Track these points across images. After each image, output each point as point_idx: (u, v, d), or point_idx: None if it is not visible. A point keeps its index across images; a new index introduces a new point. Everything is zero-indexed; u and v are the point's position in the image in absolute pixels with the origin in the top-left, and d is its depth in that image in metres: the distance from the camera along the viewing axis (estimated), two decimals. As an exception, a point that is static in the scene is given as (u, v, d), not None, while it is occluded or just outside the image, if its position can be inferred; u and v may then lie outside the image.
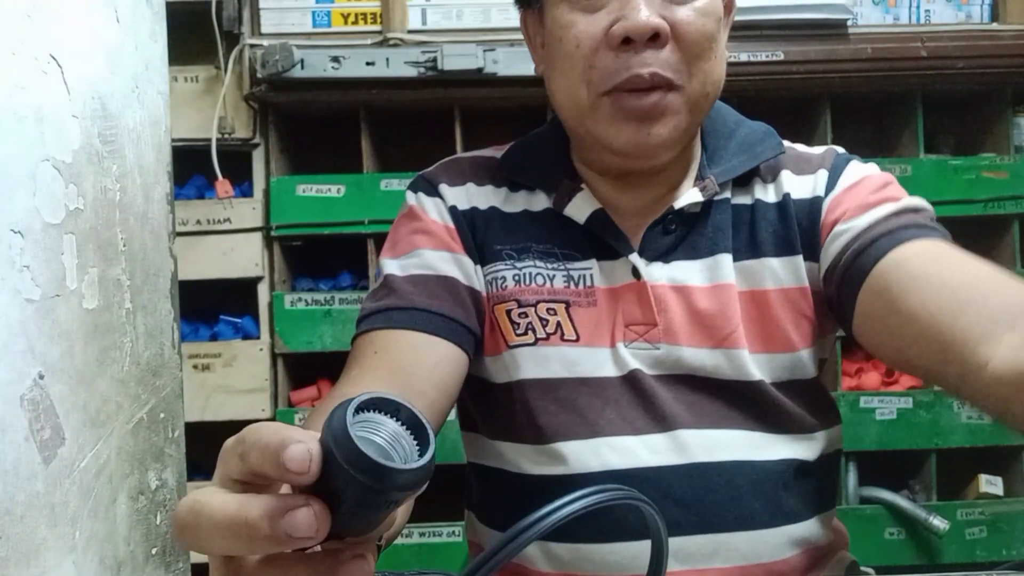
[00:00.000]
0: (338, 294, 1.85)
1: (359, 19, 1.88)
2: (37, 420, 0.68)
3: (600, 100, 0.75)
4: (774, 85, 1.85)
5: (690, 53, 0.74)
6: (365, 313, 0.82)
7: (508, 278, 0.83)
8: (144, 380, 0.86)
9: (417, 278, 0.82)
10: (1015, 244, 1.92)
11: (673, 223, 0.81)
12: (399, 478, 0.34)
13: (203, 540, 0.37)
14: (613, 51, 0.73)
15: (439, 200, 0.86)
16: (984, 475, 1.90)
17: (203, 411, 1.82)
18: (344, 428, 0.34)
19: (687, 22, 0.73)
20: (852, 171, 0.82)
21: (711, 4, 0.75)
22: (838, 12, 1.84)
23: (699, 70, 0.75)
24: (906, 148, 1.97)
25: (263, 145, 1.90)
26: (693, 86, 0.75)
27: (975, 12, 1.93)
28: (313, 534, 0.35)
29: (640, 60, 0.73)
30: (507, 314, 0.82)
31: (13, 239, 0.65)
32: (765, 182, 0.84)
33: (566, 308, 0.81)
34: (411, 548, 1.81)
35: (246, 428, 0.38)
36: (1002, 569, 0.72)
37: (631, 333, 0.80)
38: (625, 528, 0.76)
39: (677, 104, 0.75)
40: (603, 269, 0.82)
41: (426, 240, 0.84)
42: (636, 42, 0.72)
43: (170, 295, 0.93)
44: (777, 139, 0.85)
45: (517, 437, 0.82)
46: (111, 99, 0.81)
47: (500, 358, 0.83)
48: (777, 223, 0.81)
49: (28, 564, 0.66)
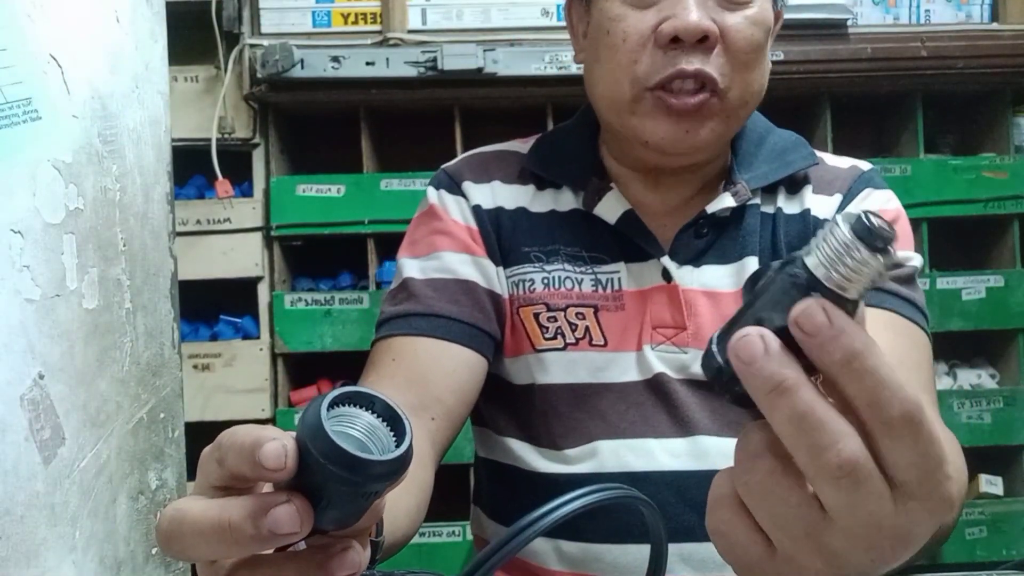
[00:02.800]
0: (338, 294, 1.85)
1: (359, 19, 1.88)
2: (37, 420, 0.68)
3: (643, 95, 0.74)
4: (774, 85, 1.84)
5: (737, 60, 0.74)
6: (384, 317, 0.81)
7: (536, 281, 0.82)
8: (144, 380, 0.86)
9: (437, 282, 0.81)
10: (1015, 244, 1.92)
11: (705, 227, 0.81)
12: (375, 469, 0.34)
13: (188, 547, 0.37)
14: (661, 48, 0.73)
15: (462, 199, 0.85)
16: (984, 475, 1.90)
17: (203, 411, 1.82)
18: (318, 422, 0.34)
19: (737, 29, 0.73)
20: (866, 200, 0.83)
21: (762, 14, 0.75)
22: (838, 12, 1.84)
23: (742, 79, 0.75)
24: (906, 148, 1.97)
25: (263, 145, 1.90)
26: (734, 93, 0.75)
27: (975, 12, 1.93)
28: (297, 529, 0.35)
29: (687, 58, 0.72)
30: (535, 317, 0.82)
31: (13, 239, 0.65)
32: (789, 193, 0.84)
33: (594, 312, 0.81)
34: (411, 548, 1.80)
35: (223, 432, 0.38)
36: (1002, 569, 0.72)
37: (658, 335, 0.80)
38: (637, 530, 0.75)
39: (717, 107, 0.75)
40: (631, 271, 0.82)
41: (447, 242, 0.83)
42: (684, 42, 0.72)
43: (170, 295, 0.93)
44: (809, 149, 0.85)
45: (532, 437, 0.82)
46: (111, 99, 0.81)
47: (523, 360, 0.83)
48: (795, 236, 0.81)
49: (28, 564, 0.66)
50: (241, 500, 0.36)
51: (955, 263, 1.96)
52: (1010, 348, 1.91)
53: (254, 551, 0.37)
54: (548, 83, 1.83)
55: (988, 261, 1.99)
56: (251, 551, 0.37)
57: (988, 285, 1.88)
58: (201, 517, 0.36)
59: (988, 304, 1.87)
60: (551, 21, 1.86)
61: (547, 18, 1.87)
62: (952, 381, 1.94)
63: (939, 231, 1.91)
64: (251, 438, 0.35)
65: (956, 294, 1.87)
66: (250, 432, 0.36)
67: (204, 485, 0.39)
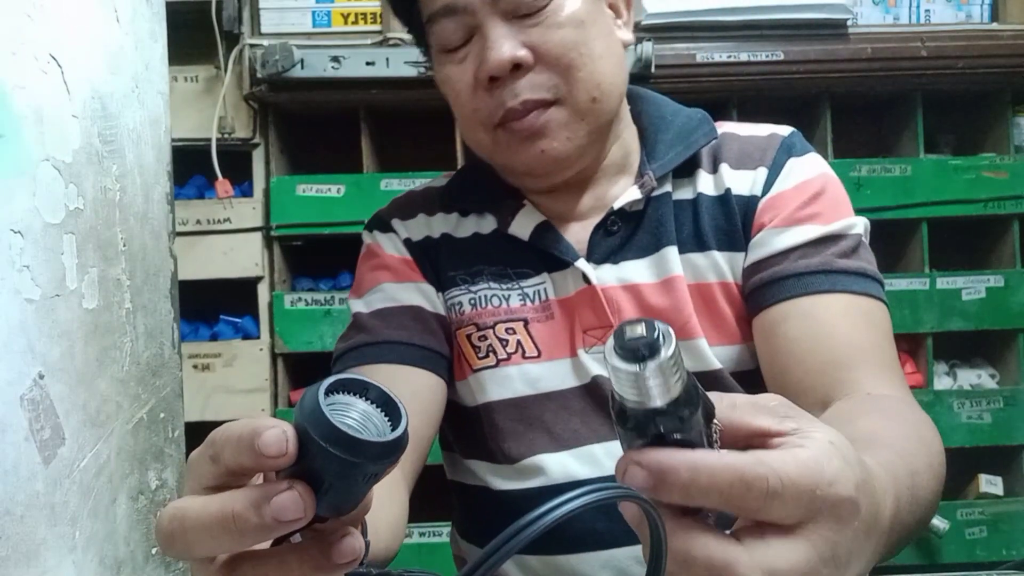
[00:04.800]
0: (338, 294, 1.85)
1: (359, 19, 1.88)
2: (37, 420, 0.68)
3: (496, 134, 0.77)
4: (774, 85, 1.85)
5: (558, 67, 0.74)
6: (337, 355, 0.83)
7: (464, 303, 0.83)
8: (144, 380, 0.86)
9: (383, 312, 0.83)
10: (1015, 244, 1.92)
11: (616, 223, 0.81)
12: (375, 449, 0.35)
13: (191, 545, 0.37)
14: (487, 91, 0.75)
15: (393, 235, 0.88)
16: (984, 475, 1.91)
17: (203, 411, 1.82)
18: (317, 406, 0.34)
19: (542, 41, 0.74)
20: (791, 172, 0.80)
21: (569, 14, 0.74)
22: (838, 12, 1.84)
23: (576, 79, 0.75)
24: (906, 148, 1.97)
25: (263, 145, 1.90)
26: (576, 95, 0.75)
27: (975, 12, 1.93)
28: (301, 515, 0.35)
29: (511, 92, 0.74)
30: (467, 338, 0.83)
31: (13, 239, 0.66)
32: (708, 173, 0.82)
33: (524, 325, 0.82)
34: (411, 548, 1.81)
35: (213, 431, 0.38)
36: (1002, 569, 0.73)
37: (589, 338, 0.80)
38: (594, 538, 0.76)
39: (560, 117, 0.75)
40: (555, 281, 0.82)
41: (387, 274, 0.86)
42: (502, 77, 0.74)
43: (170, 295, 0.93)
44: (710, 124, 0.83)
45: (488, 456, 0.83)
46: (111, 99, 0.81)
47: (466, 383, 0.84)
48: (720, 218, 0.80)
49: (28, 564, 0.66)
50: (242, 491, 0.36)
51: (955, 263, 1.96)
52: (1010, 348, 1.91)
53: (258, 541, 0.37)
54: (548, 83, 1.83)
55: (988, 261, 1.99)
56: (255, 542, 0.37)
57: (988, 285, 1.88)
58: (203, 512, 0.36)
59: (988, 304, 1.87)
60: (551, 21, 1.86)
61: (547, 18, 1.87)
62: (952, 381, 1.94)
63: (939, 231, 1.91)
64: (248, 429, 0.35)
65: (956, 294, 1.87)
66: (245, 424, 0.36)
67: (196, 488, 0.39)
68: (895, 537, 0.45)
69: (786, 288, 0.75)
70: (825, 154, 1.88)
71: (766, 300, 0.76)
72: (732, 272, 0.80)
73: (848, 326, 0.73)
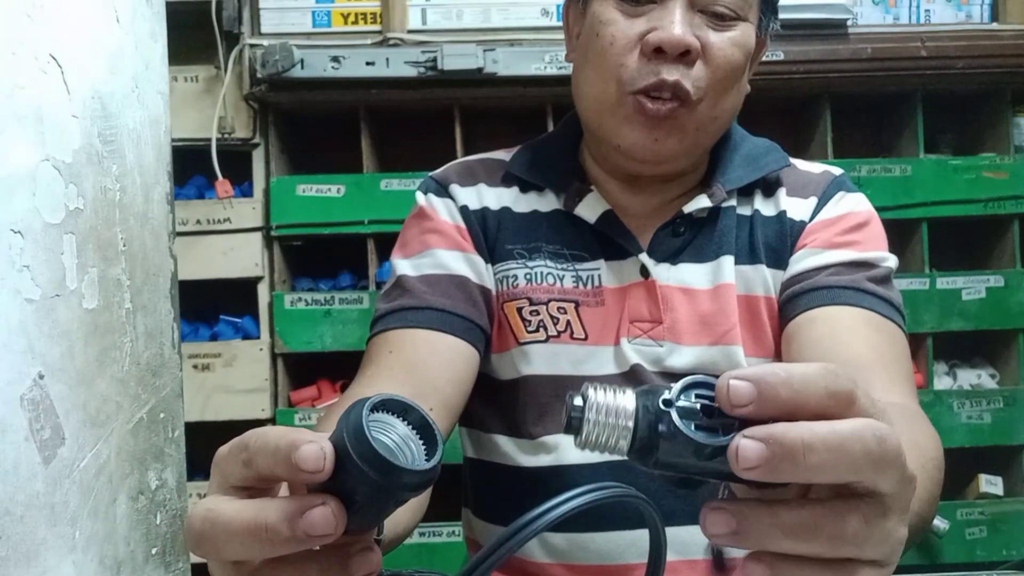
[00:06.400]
0: (338, 294, 1.85)
1: (359, 19, 1.88)
2: (37, 420, 0.68)
3: (625, 98, 0.78)
4: (774, 85, 1.85)
5: (714, 77, 0.77)
6: (379, 314, 0.84)
7: (520, 276, 0.85)
8: (144, 380, 0.86)
9: (430, 277, 0.84)
10: (1015, 244, 1.92)
11: (682, 226, 0.85)
12: (409, 478, 0.35)
13: (221, 547, 0.38)
14: (645, 56, 0.76)
15: (450, 200, 0.89)
16: (984, 475, 1.90)
17: (203, 411, 1.82)
18: (360, 426, 0.35)
19: (718, 47, 0.77)
20: (838, 204, 0.86)
21: (744, 37, 0.79)
22: (838, 12, 1.84)
23: (715, 95, 0.78)
24: (906, 148, 1.97)
25: (263, 145, 1.90)
26: (704, 107, 0.78)
27: (975, 12, 1.93)
28: (332, 531, 0.35)
29: (668, 69, 0.76)
30: (518, 311, 0.84)
31: (13, 239, 0.66)
32: (765, 196, 0.87)
33: (575, 307, 0.84)
34: (411, 548, 1.81)
35: (247, 434, 0.38)
36: (1002, 569, 0.73)
37: (635, 329, 0.83)
38: (621, 517, 0.78)
39: (686, 119, 0.78)
40: (611, 268, 0.85)
41: (438, 239, 0.86)
42: (667, 54, 0.75)
43: (170, 295, 0.93)
44: (781, 153, 0.89)
45: (516, 431, 0.84)
46: (111, 99, 0.81)
47: (507, 354, 0.85)
48: (772, 236, 0.85)
49: (28, 564, 0.66)
50: (276, 502, 0.36)
51: (955, 263, 1.96)
52: (1010, 348, 1.91)
53: (285, 552, 0.37)
54: (548, 83, 1.83)
55: (988, 261, 1.99)
56: (283, 552, 0.37)
57: (988, 285, 1.88)
58: (236, 517, 0.37)
59: (988, 304, 1.87)
60: (551, 21, 1.86)
61: (547, 18, 1.87)
62: (952, 381, 1.94)
63: (939, 231, 1.91)
64: (286, 440, 0.36)
65: (956, 294, 1.87)
66: (284, 434, 0.36)
67: (224, 485, 0.39)
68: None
69: (815, 298, 0.79)
70: (825, 154, 1.88)
71: (796, 309, 0.80)
72: (775, 288, 0.84)
73: (869, 336, 0.76)
